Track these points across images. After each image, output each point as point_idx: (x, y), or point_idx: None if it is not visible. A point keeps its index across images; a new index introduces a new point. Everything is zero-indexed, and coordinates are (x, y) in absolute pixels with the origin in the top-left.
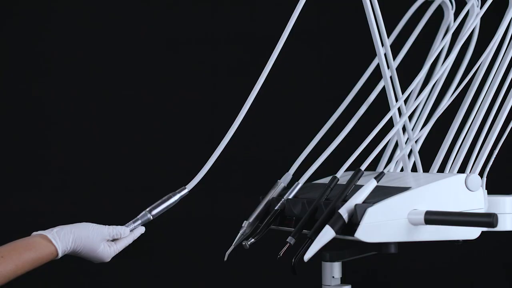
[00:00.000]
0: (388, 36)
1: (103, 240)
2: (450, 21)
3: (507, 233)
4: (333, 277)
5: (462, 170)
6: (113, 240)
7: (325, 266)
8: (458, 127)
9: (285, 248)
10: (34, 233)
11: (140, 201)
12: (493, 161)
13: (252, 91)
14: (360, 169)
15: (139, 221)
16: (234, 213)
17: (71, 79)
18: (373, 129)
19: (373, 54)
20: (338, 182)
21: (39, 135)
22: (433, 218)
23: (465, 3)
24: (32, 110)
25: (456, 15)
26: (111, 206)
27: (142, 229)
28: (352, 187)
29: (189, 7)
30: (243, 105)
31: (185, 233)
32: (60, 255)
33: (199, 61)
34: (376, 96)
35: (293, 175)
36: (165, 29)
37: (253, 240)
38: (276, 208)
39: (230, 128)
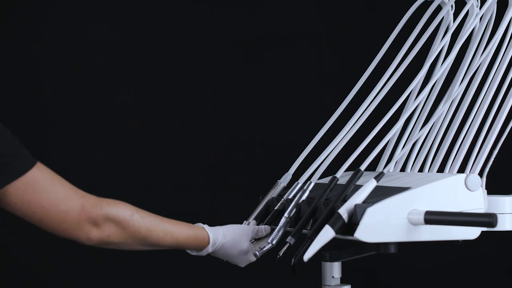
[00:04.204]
0: (388, 37)
1: (248, 237)
2: (449, 21)
3: (507, 233)
4: (333, 277)
5: (461, 170)
6: (255, 240)
7: (325, 266)
8: (458, 126)
9: (285, 248)
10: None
11: (140, 201)
12: (493, 161)
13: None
14: (360, 169)
15: (282, 229)
16: (234, 213)
17: (71, 80)
18: (373, 129)
19: (373, 54)
20: (338, 182)
21: (38, 135)
22: (433, 218)
23: (465, 3)
24: (32, 110)
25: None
26: None
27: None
28: (352, 187)
29: (189, 7)
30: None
31: None
32: (210, 246)
33: (199, 61)
34: (376, 97)
35: (293, 175)
36: (165, 29)
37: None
38: (276, 208)
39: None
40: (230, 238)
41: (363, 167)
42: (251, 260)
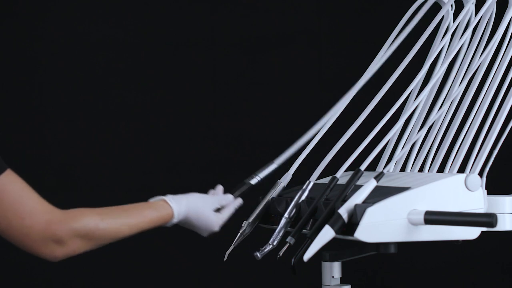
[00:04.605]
0: (388, 36)
1: (212, 208)
2: (449, 21)
3: (507, 233)
4: (333, 277)
5: (461, 170)
6: (218, 210)
7: (325, 266)
8: (458, 127)
9: (285, 248)
10: (151, 199)
11: (140, 200)
12: (493, 160)
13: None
14: (360, 169)
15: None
16: (234, 213)
17: (71, 80)
18: (373, 129)
19: (373, 54)
20: (338, 182)
21: (38, 135)
22: (432, 218)
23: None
24: (32, 110)
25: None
26: (110, 205)
27: (240, 200)
28: (352, 187)
29: (189, 7)
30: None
31: (185, 233)
32: (175, 218)
33: (199, 61)
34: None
35: (293, 175)
36: (165, 29)
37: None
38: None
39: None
40: (194, 209)
41: (363, 167)
42: (214, 231)
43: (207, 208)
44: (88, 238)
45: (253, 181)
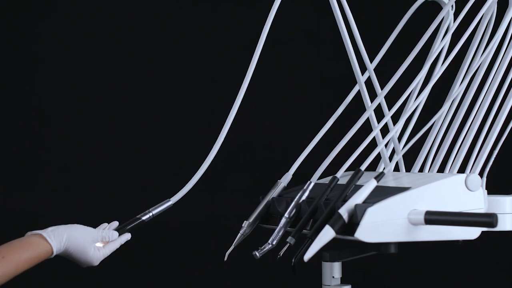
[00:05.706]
0: (389, 36)
1: (94, 242)
2: (450, 22)
3: (507, 233)
4: (333, 277)
5: (462, 170)
6: (102, 243)
7: (325, 266)
8: (458, 127)
9: (285, 248)
10: (29, 232)
11: (140, 201)
12: (493, 161)
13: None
14: (360, 169)
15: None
16: (234, 213)
17: (71, 79)
18: (373, 129)
19: (373, 54)
20: (338, 182)
21: (38, 135)
22: (433, 218)
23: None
24: (32, 110)
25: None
26: (110, 206)
27: (128, 235)
28: (352, 187)
29: (189, 7)
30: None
31: (185, 233)
32: (54, 253)
33: (198, 61)
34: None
35: (293, 175)
36: (165, 29)
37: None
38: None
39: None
40: (74, 244)
41: (363, 167)
42: (93, 264)
43: (87, 242)
44: None
45: (145, 217)
